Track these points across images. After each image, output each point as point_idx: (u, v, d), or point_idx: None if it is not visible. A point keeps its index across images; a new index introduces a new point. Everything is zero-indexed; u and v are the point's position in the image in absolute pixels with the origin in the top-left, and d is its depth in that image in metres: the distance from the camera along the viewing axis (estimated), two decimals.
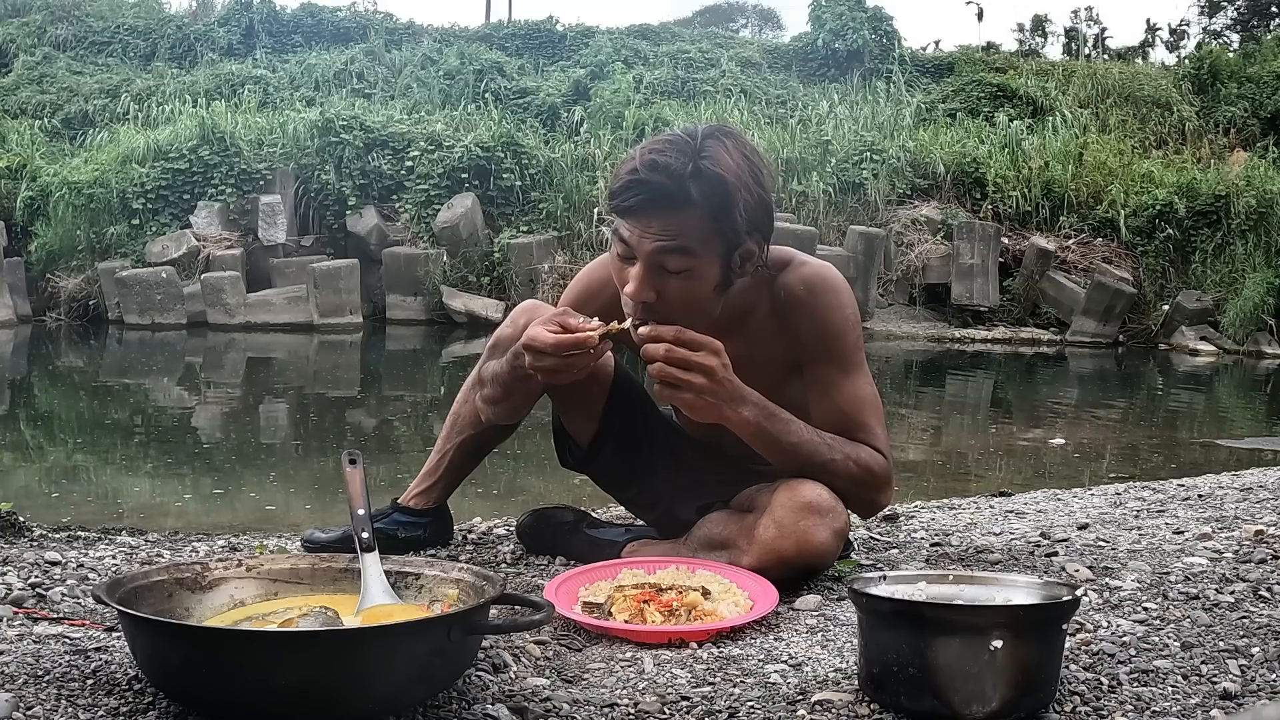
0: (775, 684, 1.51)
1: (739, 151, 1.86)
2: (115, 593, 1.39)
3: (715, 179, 1.80)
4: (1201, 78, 18.14)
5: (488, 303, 13.16)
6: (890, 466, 2.02)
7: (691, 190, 1.80)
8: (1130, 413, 8.77)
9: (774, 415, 1.94)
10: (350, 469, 1.78)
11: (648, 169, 1.81)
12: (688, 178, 1.80)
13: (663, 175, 1.80)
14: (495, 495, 4.35)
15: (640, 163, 1.83)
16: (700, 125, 1.91)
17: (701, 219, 1.82)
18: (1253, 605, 1.84)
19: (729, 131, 1.91)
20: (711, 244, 1.85)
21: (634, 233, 1.85)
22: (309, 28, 18.87)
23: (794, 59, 19.23)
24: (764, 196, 1.87)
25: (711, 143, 1.84)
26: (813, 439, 1.97)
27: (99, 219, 13.31)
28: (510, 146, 14.04)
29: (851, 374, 2.01)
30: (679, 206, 1.81)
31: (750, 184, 1.84)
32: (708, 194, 1.81)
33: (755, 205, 1.85)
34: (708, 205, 1.81)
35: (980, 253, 13.82)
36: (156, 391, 8.97)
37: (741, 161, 1.85)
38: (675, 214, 1.82)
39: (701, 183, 1.80)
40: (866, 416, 2.01)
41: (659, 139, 1.88)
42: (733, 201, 1.82)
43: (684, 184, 1.80)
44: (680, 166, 1.80)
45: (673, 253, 1.84)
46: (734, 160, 1.84)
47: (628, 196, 1.83)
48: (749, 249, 1.90)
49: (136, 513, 4.25)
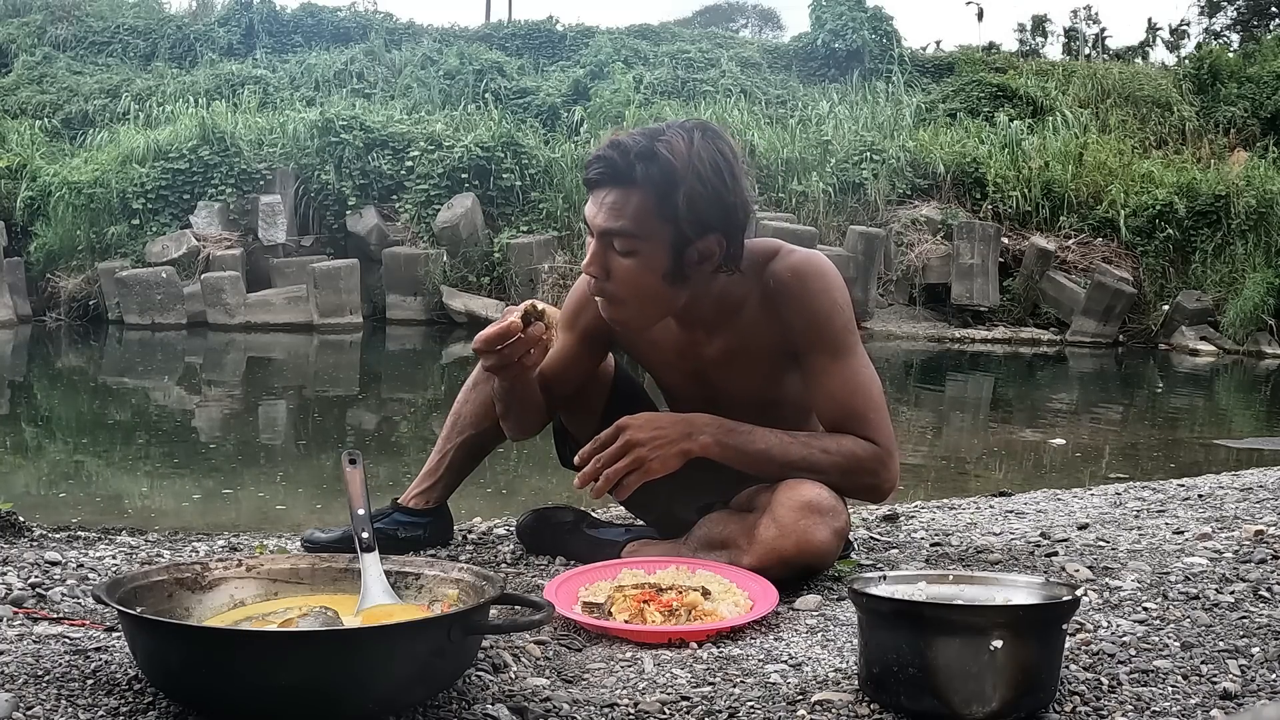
0: (775, 684, 1.51)
1: (703, 145, 1.87)
2: (115, 593, 1.39)
3: (663, 162, 1.84)
4: (1201, 78, 18.13)
5: (488, 303, 13.15)
6: (886, 450, 2.00)
7: (638, 170, 1.85)
8: (1130, 413, 8.77)
9: (731, 430, 1.96)
10: (350, 469, 1.78)
11: (608, 145, 1.89)
12: (635, 156, 1.85)
13: (616, 152, 1.87)
14: (495, 495, 4.35)
15: (607, 139, 1.91)
16: (690, 120, 1.95)
17: (647, 200, 1.86)
18: (1253, 605, 1.84)
19: (708, 127, 1.93)
20: (656, 228, 1.88)
21: (591, 208, 1.92)
22: (309, 28, 18.87)
23: (794, 59, 19.23)
24: (721, 193, 1.87)
25: (677, 131, 1.88)
26: (782, 441, 1.97)
27: (99, 219, 13.31)
28: (510, 146, 14.04)
29: (843, 358, 2.00)
30: (625, 184, 1.86)
31: (705, 175, 1.85)
32: (654, 176, 1.84)
33: (706, 198, 1.86)
34: (652, 186, 1.85)
35: (980, 253, 13.82)
36: (156, 391, 8.97)
37: (701, 153, 1.86)
38: (623, 192, 1.87)
39: (648, 164, 1.84)
40: (861, 402, 2.00)
41: (638, 126, 1.96)
42: (676, 187, 1.84)
43: (631, 162, 1.85)
44: (634, 144, 1.86)
45: (617, 232, 1.89)
46: (692, 149, 1.86)
47: (589, 170, 1.91)
48: (706, 246, 1.90)
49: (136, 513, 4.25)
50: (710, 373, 2.09)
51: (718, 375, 2.09)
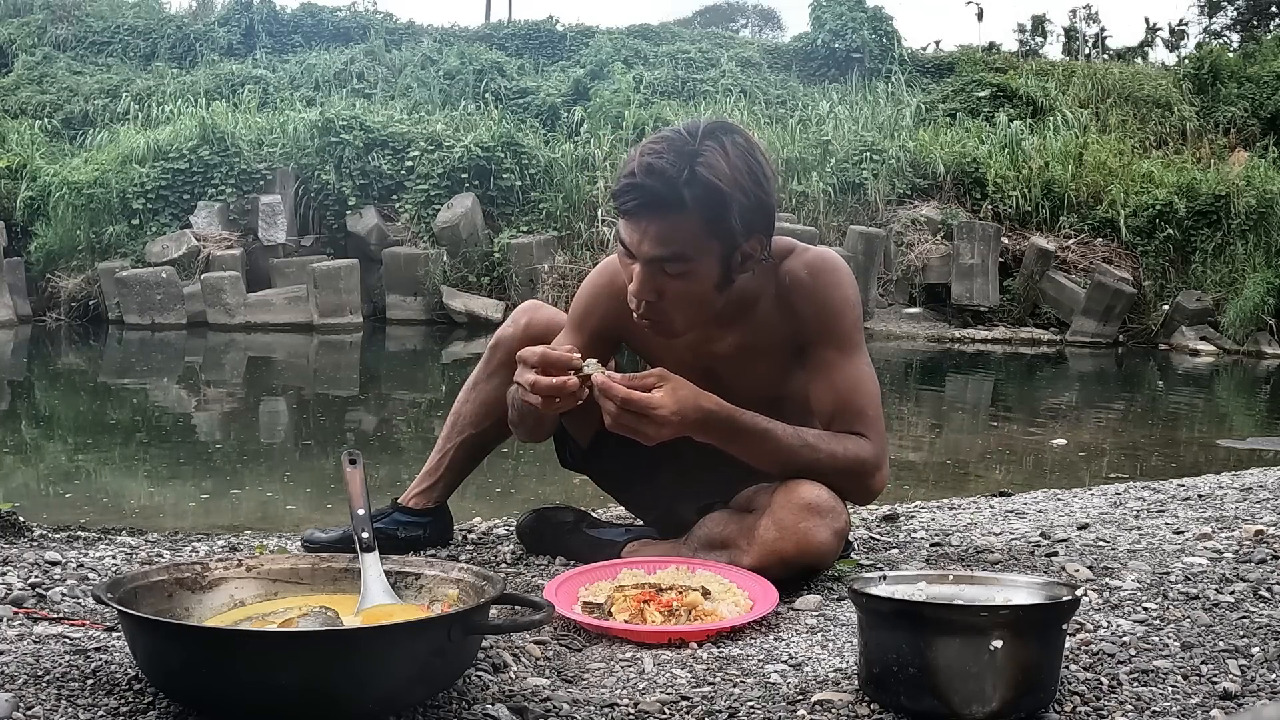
0: (775, 684, 1.51)
1: (737, 151, 1.84)
2: (115, 593, 1.39)
3: (709, 185, 1.80)
4: (1201, 78, 18.13)
5: (488, 303, 13.16)
6: (881, 450, 2.01)
7: (685, 196, 1.80)
8: (1130, 413, 8.76)
9: (742, 429, 1.93)
10: (350, 469, 1.78)
11: (644, 173, 1.81)
12: (681, 184, 1.79)
13: (657, 180, 1.80)
14: (495, 495, 4.35)
15: (637, 165, 1.83)
16: (701, 121, 1.89)
17: (697, 224, 1.82)
18: (1253, 605, 1.84)
19: (729, 129, 1.89)
20: (708, 247, 1.86)
21: (633, 236, 1.87)
22: (309, 28, 18.87)
23: (794, 59, 19.23)
24: (762, 197, 1.86)
25: (709, 144, 1.83)
26: (791, 443, 1.96)
27: (99, 219, 13.32)
28: (510, 146, 14.04)
29: (849, 354, 2.01)
30: (674, 211, 1.81)
31: (747, 186, 1.83)
32: (702, 200, 1.80)
33: (752, 207, 1.85)
34: (702, 211, 1.81)
35: (980, 253, 13.82)
36: (156, 392, 8.97)
37: (739, 163, 1.83)
38: (671, 218, 1.82)
39: (695, 188, 1.80)
40: (860, 399, 2.01)
41: (659, 138, 1.87)
42: (728, 207, 1.82)
43: (678, 190, 1.80)
44: (675, 171, 1.80)
45: (669, 258, 1.86)
46: (730, 162, 1.82)
47: (625, 200, 1.84)
48: (750, 248, 1.90)
49: (136, 513, 4.25)
50: (720, 369, 2.10)
51: (728, 372, 2.09)
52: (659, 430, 1.85)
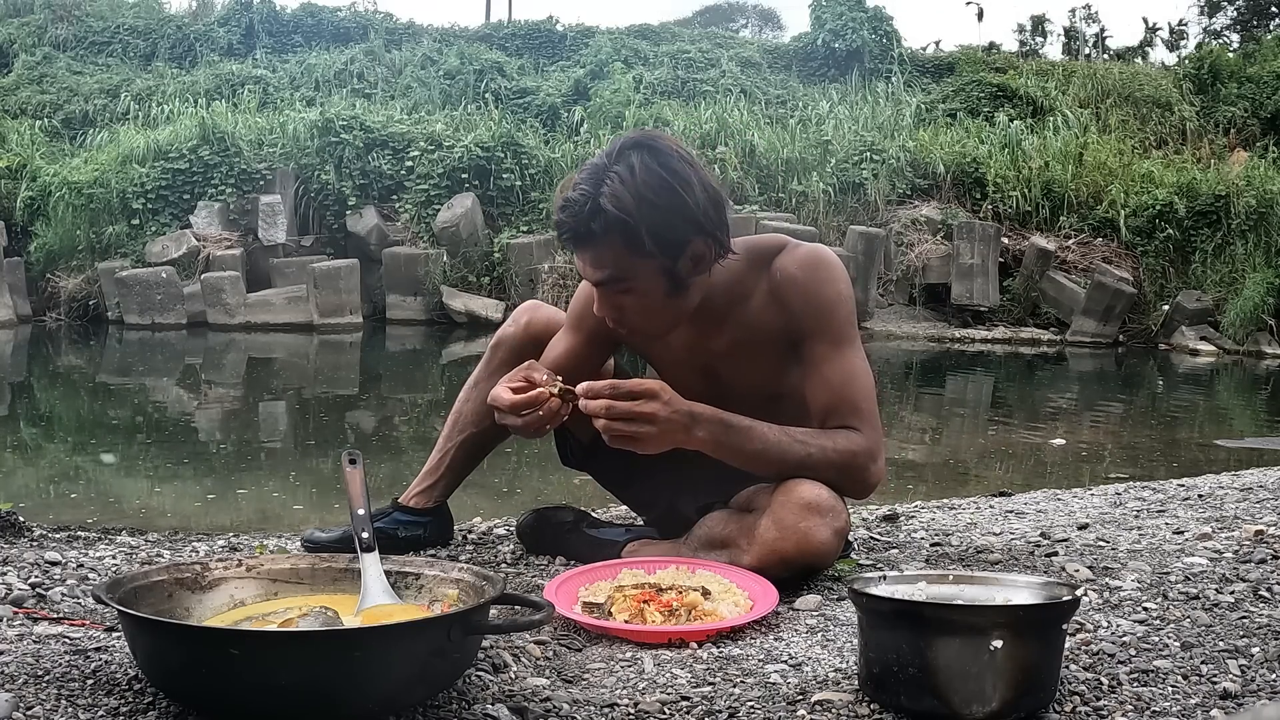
0: (775, 684, 1.51)
1: (646, 171, 1.85)
2: (115, 593, 1.39)
3: (612, 217, 1.84)
4: (1201, 78, 18.13)
5: (488, 303, 13.16)
6: (875, 444, 2.01)
7: (594, 228, 1.86)
8: (1130, 413, 8.76)
9: (731, 428, 1.94)
10: (350, 469, 1.78)
11: (561, 209, 1.91)
12: (587, 216, 1.86)
13: (569, 215, 1.89)
14: (495, 495, 4.35)
15: (557, 203, 1.92)
16: (621, 140, 1.92)
17: (616, 249, 1.88)
18: (1253, 605, 1.84)
19: (645, 143, 1.89)
20: (639, 265, 1.90)
21: (579, 262, 1.97)
22: (309, 28, 18.87)
23: (794, 59, 19.23)
24: (681, 208, 1.86)
25: (617, 170, 1.85)
26: (780, 439, 1.97)
27: (99, 219, 13.32)
28: (510, 146, 14.04)
29: (843, 348, 2.02)
30: (593, 242, 1.89)
31: (659, 202, 1.84)
32: (611, 228, 1.85)
33: (669, 222, 1.86)
34: (616, 236, 1.86)
35: (980, 253, 13.82)
36: (156, 392, 8.97)
37: (648, 181, 1.84)
38: (594, 248, 1.90)
39: (600, 220, 1.85)
40: (854, 393, 2.01)
41: (584, 166, 1.93)
42: (637, 230, 1.84)
43: (586, 223, 1.86)
44: (580, 205, 1.86)
45: (606, 281, 1.93)
46: (638, 184, 1.84)
47: (558, 232, 1.95)
48: (694, 252, 1.92)
49: (136, 513, 4.25)
50: (718, 366, 2.10)
51: (725, 369, 2.10)
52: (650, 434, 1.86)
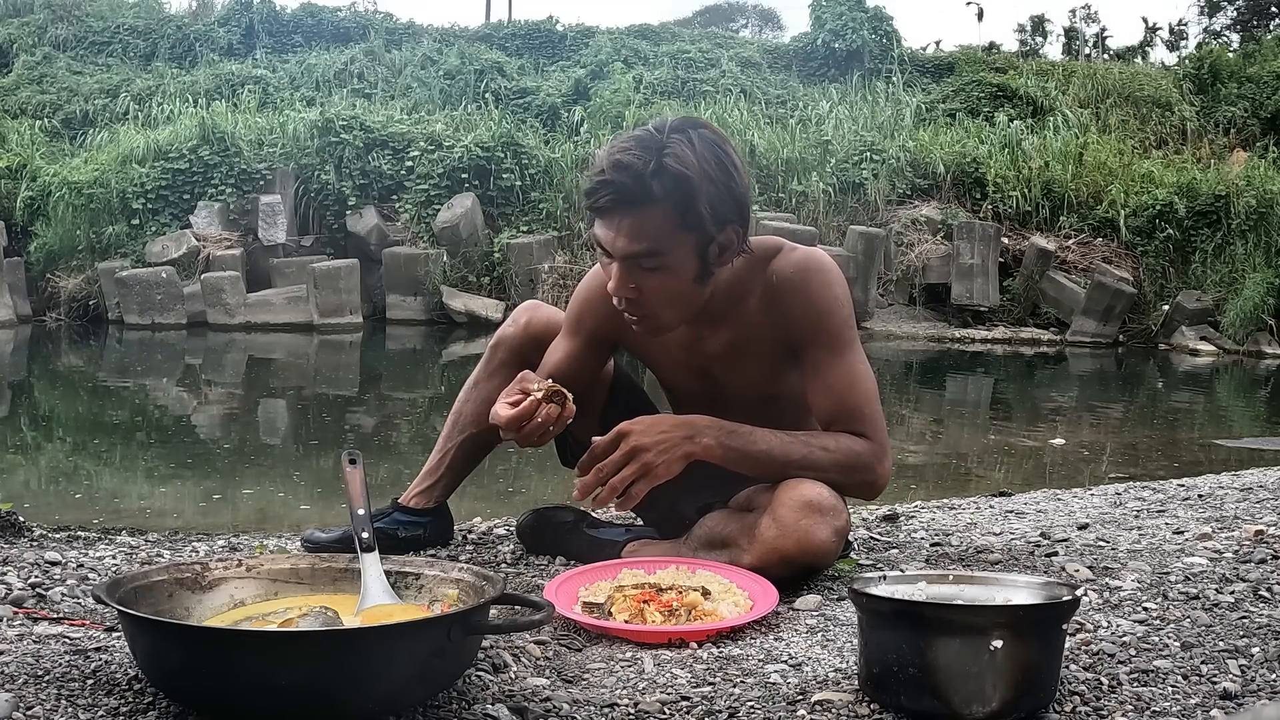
0: (775, 684, 1.51)
1: (704, 143, 1.87)
2: (115, 593, 1.39)
3: (677, 175, 1.83)
4: (1201, 78, 18.13)
5: (488, 303, 13.16)
6: (880, 446, 2.01)
7: (654, 188, 1.83)
8: (1130, 413, 8.76)
9: (731, 432, 1.95)
10: (350, 469, 1.78)
11: (613, 169, 1.85)
12: (649, 176, 1.82)
13: (626, 175, 1.84)
14: (495, 495, 4.35)
15: (607, 163, 1.87)
16: (669, 119, 1.93)
17: (667, 216, 1.85)
18: (1253, 605, 1.84)
19: (696, 123, 1.92)
20: (681, 239, 1.88)
21: (607, 233, 1.89)
22: (309, 28, 18.87)
23: (794, 59, 19.23)
24: (732, 187, 1.89)
25: (676, 137, 1.86)
26: (782, 441, 1.97)
27: (99, 219, 13.32)
28: (510, 146, 14.04)
29: (842, 353, 2.01)
30: (644, 204, 1.84)
31: (715, 175, 1.86)
32: (670, 190, 1.83)
33: (721, 196, 1.87)
34: (671, 201, 1.84)
35: (980, 253, 13.82)
36: (156, 392, 8.97)
37: (706, 154, 1.86)
38: (642, 212, 1.85)
39: (664, 179, 1.82)
40: (856, 397, 2.01)
41: (627, 136, 1.92)
42: (696, 196, 1.84)
43: (646, 182, 1.83)
44: (642, 165, 1.83)
45: (644, 254, 1.88)
46: (697, 152, 1.85)
47: (597, 197, 1.88)
48: (726, 239, 1.92)
49: (136, 513, 4.25)
50: (714, 368, 2.10)
51: (721, 371, 2.10)
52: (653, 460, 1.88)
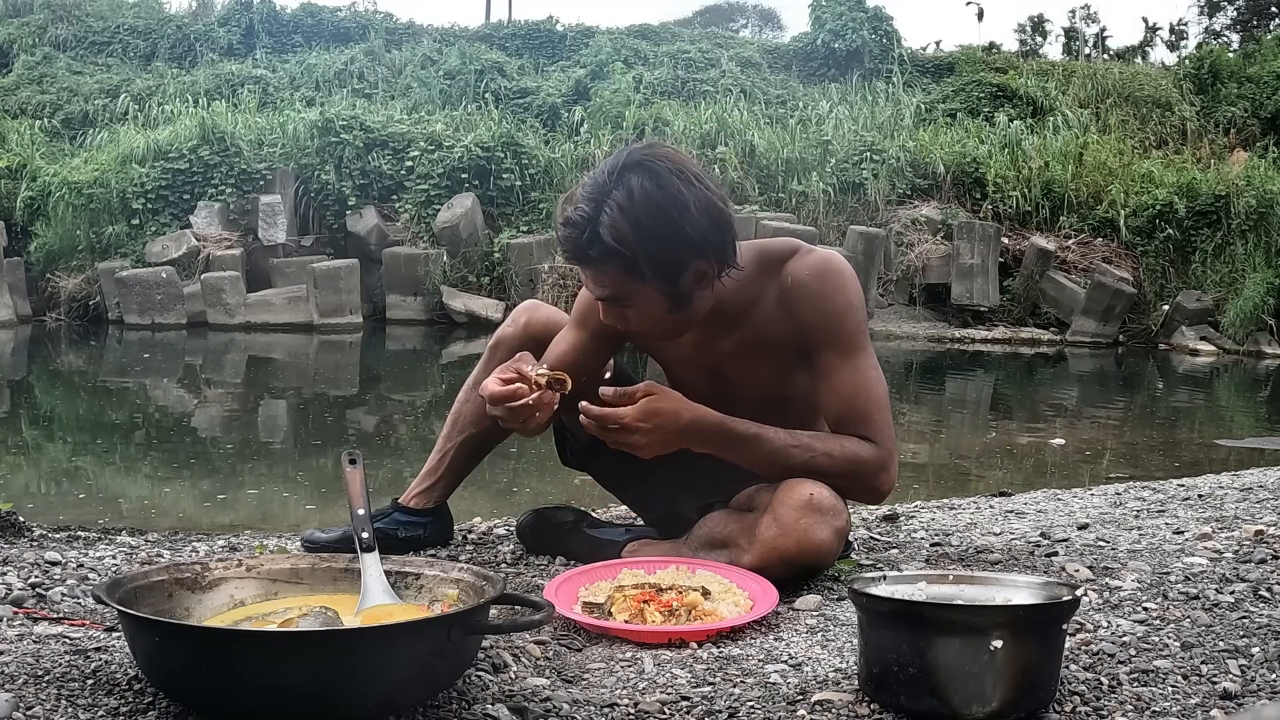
0: (775, 684, 1.51)
1: (646, 196, 1.81)
2: (115, 593, 1.39)
3: (609, 248, 1.83)
4: (1201, 78, 18.13)
5: (488, 303, 13.16)
6: (887, 452, 2.01)
7: (592, 254, 1.86)
8: (1130, 413, 8.76)
9: (734, 436, 1.97)
10: (350, 469, 1.78)
11: (563, 225, 1.90)
12: (585, 243, 1.85)
13: (572, 233, 1.88)
14: (495, 495, 4.35)
15: (561, 217, 1.93)
16: (623, 156, 1.87)
17: (615, 272, 1.88)
18: (1253, 605, 1.84)
19: (646, 162, 1.84)
20: (639, 289, 1.90)
21: (583, 276, 1.97)
22: (309, 28, 18.87)
23: (794, 59, 19.23)
24: (677, 235, 1.83)
25: (618, 195, 1.82)
26: (786, 445, 1.98)
27: (99, 219, 13.32)
28: (510, 146, 14.04)
29: (854, 358, 2.02)
30: (591, 263, 1.89)
31: (656, 230, 1.82)
32: (608, 255, 1.85)
33: (665, 250, 1.84)
34: (611, 264, 1.87)
35: (980, 253, 13.82)
36: (156, 391, 8.97)
37: (645, 210, 1.81)
38: (595, 266, 1.90)
39: (598, 247, 1.85)
40: (866, 402, 2.01)
41: (584, 183, 1.91)
42: (634, 256, 1.83)
43: (585, 250, 1.86)
44: (580, 230, 1.85)
45: (608, 298, 1.93)
46: (637, 211, 1.81)
47: (561, 247, 1.95)
48: (698, 270, 1.90)
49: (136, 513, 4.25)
50: (725, 367, 2.10)
51: (732, 370, 2.10)
52: (641, 442, 1.91)
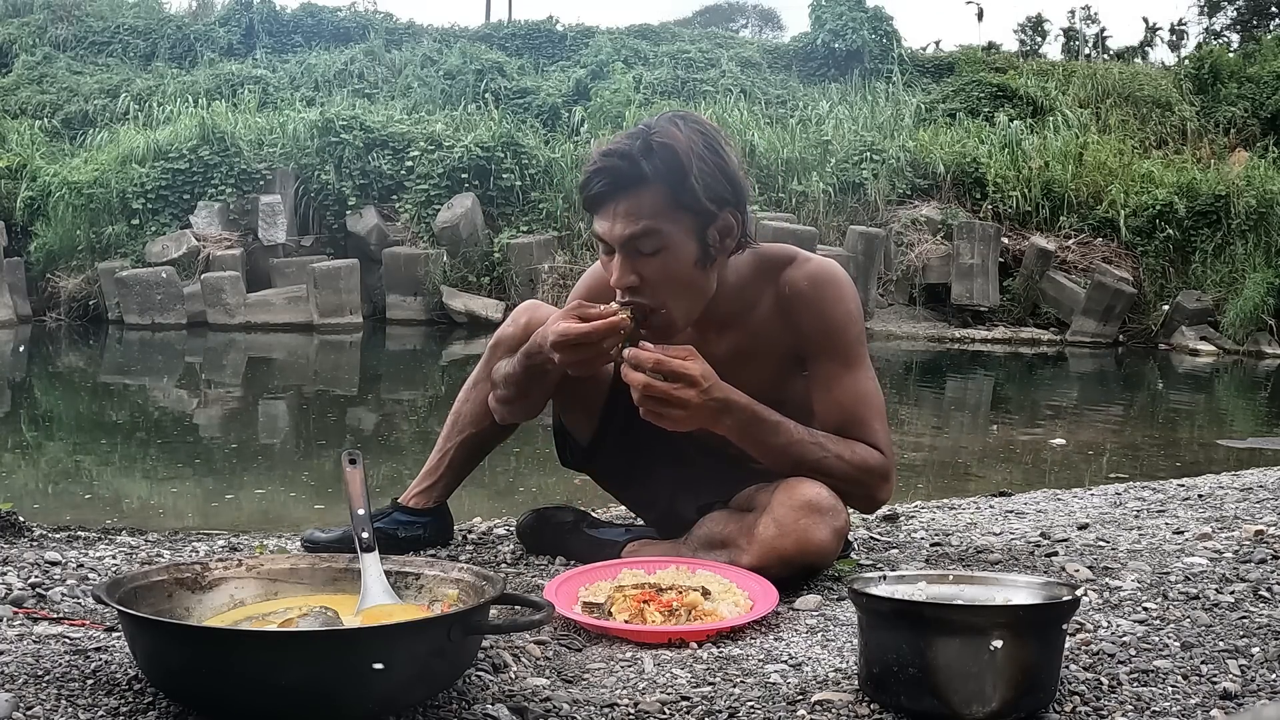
0: (775, 684, 1.51)
1: (691, 128, 1.92)
2: (115, 593, 1.39)
3: (665, 150, 1.87)
4: (1201, 78, 18.14)
5: (488, 303, 13.16)
6: (889, 462, 2.02)
7: (644, 166, 1.87)
8: (1130, 413, 8.77)
9: (759, 421, 1.95)
10: (350, 469, 1.78)
11: (603, 157, 1.92)
12: (639, 155, 1.87)
13: (616, 158, 1.89)
14: (495, 495, 4.35)
15: (598, 154, 1.94)
16: (664, 113, 1.99)
17: (661, 193, 1.88)
18: (1253, 605, 1.84)
19: (684, 113, 1.99)
20: (678, 218, 1.89)
21: (604, 223, 1.92)
22: (309, 28, 18.87)
23: (794, 59, 19.24)
24: (723, 166, 1.92)
25: (662, 122, 1.93)
26: (803, 440, 1.97)
27: (99, 219, 13.32)
28: (510, 146, 14.04)
29: (853, 368, 2.02)
30: (637, 185, 1.88)
31: (704, 154, 1.90)
32: (660, 167, 1.87)
33: (713, 174, 1.90)
34: (663, 177, 1.87)
35: (980, 253, 13.82)
36: (156, 391, 8.97)
37: (694, 135, 1.91)
38: (636, 194, 1.88)
39: (652, 157, 1.87)
40: (866, 412, 2.02)
41: (618, 134, 1.99)
42: (687, 170, 1.87)
43: (637, 162, 1.87)
44: (631, 147, 1.89)
45: (641, 234, 1.89)
46: (685, 133, 1.90)
47: (591, 186, 1.92)
48: (725, 222, 1.93)
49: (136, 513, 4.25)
50: (718, 371, 2.09)
51: (725, 374, 2.09)
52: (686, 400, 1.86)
